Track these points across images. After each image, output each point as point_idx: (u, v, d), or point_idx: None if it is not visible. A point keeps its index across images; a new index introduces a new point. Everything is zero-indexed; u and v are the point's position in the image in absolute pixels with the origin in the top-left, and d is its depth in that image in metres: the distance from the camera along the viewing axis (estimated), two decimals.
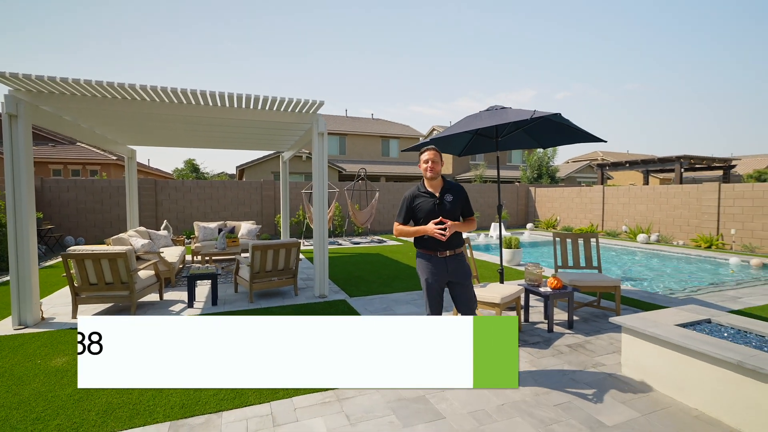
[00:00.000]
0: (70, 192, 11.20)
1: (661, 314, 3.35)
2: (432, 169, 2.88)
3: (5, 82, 4.14)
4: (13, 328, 4.23)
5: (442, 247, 2.88)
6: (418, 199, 2.96)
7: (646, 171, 16.99)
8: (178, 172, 24.07)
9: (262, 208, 13.32)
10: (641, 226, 12.72)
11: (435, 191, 2.93)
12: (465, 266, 2.97)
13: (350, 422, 2.52)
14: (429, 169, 2.89)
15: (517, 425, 2.49)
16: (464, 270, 2.95)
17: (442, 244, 2.86)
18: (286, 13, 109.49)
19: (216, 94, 4.80)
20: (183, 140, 8.31)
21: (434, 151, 2.92)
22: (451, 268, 2.90)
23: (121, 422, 2.50)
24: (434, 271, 2.90)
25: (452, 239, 2.88)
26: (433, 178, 2.92)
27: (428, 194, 2.93)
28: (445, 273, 2.90)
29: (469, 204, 3.03)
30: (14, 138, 4.22)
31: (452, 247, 2.90)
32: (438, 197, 2.90)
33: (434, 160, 2.89)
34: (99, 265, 4.53)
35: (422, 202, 2.93)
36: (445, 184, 2.97)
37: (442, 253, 2.88)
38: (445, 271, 2.90)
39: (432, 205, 2.89)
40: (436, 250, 2.89)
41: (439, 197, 2.90)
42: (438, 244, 2.87)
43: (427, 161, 2.89)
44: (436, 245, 2.88)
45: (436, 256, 2.89)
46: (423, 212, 2.92)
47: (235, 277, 5.77)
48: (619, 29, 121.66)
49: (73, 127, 5.96)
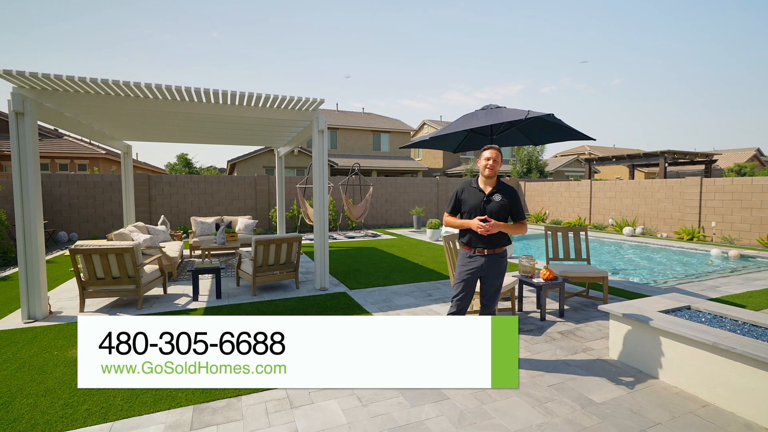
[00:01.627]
0: (62, 187, 11.12)
1: (645, 302, 3.62)
2: (492, 167, 2.93)
3: (12, 80, 4.19)
4: (23, 321, 4.32)
5: (481, 245, 2.95)
6: (467, 192, 3.03)
7: (632, 165, 17.45)
8: (171, 167, 23.83)
9: (256, 203, 13.38)
10: (627, 219, 13.14)
11: (486, 188, 3.00)
12: (501, 266, 3.01)
13: (362, 403, 2.72)
14: (489, 167, 2.94)
15: (515, 403, 2.72)
16: (499, 269, 3.00)
17: (482, 241, 2.93)
18: (276, 7, 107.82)
19: (219, 92, 4.90)
20: (179, 136, 8.35)
21: (496, 150, 2.96)
22: (486, 265, 2.97)
23: (146, 406, 2.66)
24: (468, 267, 2.99)
25: (493, 238, 2.93)
26: (490, 176, 2.97)
27: (478, 189, 3.00)
28: (479, 269, 2.98)
29: (520, 207, 3.02)
30: (21, 135, 4.27)
31: (492, 246, 2.95)
32: (487, 194, 2.97)
33: (495, 159, 2.94)
34: (106, 260, 4.63)
35: (470, 197, 3.01)
36: (499, 184, 3.01)
37: (480, 251, 2.96)
38: (479, 268, 2.98)
39: (479, 201, 2.96)
40: (475, 247, 2.97)
41: (488, 195, 2.96)
42: (478, 241, 2.94)
43: (489, 159, 2.94)
44: (476, 242, 2.95)
45: (474, 253, 2.99)
46: (468, 206, 3.00)
47: (237, 271, 5.90)
48: (605, 23, 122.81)
49: (74, 123, 5.99)
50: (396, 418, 2.55)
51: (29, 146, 4.30)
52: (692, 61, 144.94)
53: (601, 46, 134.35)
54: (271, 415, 2.60)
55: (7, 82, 4.32)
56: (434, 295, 5.42)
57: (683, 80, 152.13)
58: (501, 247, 3.00)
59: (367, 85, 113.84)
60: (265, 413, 2.61)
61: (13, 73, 4.04)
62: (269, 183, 13.51)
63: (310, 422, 2.51)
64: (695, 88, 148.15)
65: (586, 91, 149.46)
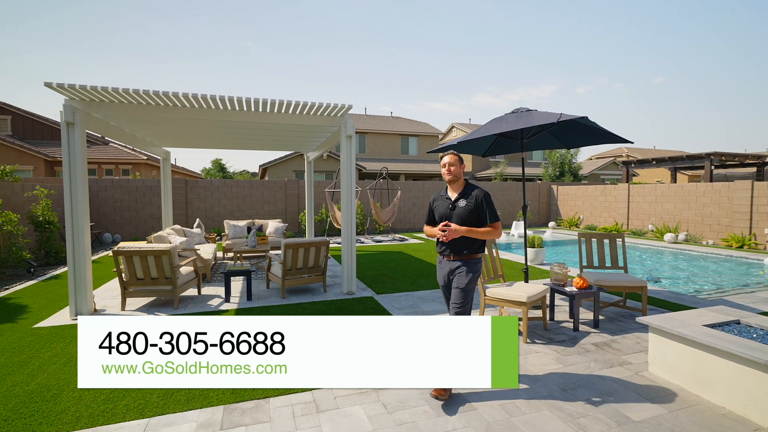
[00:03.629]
0: (107, 191, 11.80)
1: (688, 314, 3.40)
2: (450, 172, 2.95)
3: (65, 93, 4.49)
4: (70, 317, 4.61)
5: (447, 251, 2.96)
6: (437, 201, 3.09)
7: (674, 168, 16.56)
8: (206, 172, 24.80)
9: (286, 207, 13.68)
10: (668, 225, 12.47)
11: (453, 195, 3.01)
12: (467, 271, 2.90)
13: (387, 410, 2.70)
14: (447, 173, 2.97)
15: (545, 418, 2.62)
16: (464, 274, 2.89)
17: (447, 247, 2.94)
18: (303, 10, 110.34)
19: (251, 100, 5.05)
20: (215, 142, 8.67)
21: (453, 154, 2.98)
22: (451, 271, 2.96)
23: (180, 404, 2.76)
24: (441, 274, 3.06)
25: (457, 243, 2.91)
26: (452, 181, 2.99)
27: (446, 197, 3.04)
28: (447, 275, 3.00)
29: (490, 210, 2.91)
30: (71, 143, 4.57)
31: (456, 251, 2.93)
32: (452, 201, 2.97)
33: (452, 164, 2.95)
34: (145, 261, 4.86)
35: (439, 205, 3.06)
36: (465, 188, 2.99)
37: (447, 257, 2.98)
38: (447, 274, 3.00)
39: (445, 208, 2.99)
40: (442, 253, 3.01)
41: (453, 201, 2.97)
42: (444, 247, 2.97)
43: (445, 165, 2.97)
44: (442, 249, 2.99)
45: (442, 258, 3.03)
46: (438, 214, 3.05)
47: (267, 274, 6.04)
48: (644, 20, 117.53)
49: (118, 131, 6.35)
50: (421, 427, 2.52)
51: (78, 153, 4.59)
52: (742, 56, 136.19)
53: (641, 43, 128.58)
54: (297, 418, 2.63)
55: (57, 94, 4.63)
56: None
57: (732, 77, 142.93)
58: (468, 253, 2.92)
59: (395, 88, 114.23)
60: (292, 416, 2.65)
61: (66, 86, 4.33)
62: (299, 187, 13.79)
63: (335, 427, 2.52)
64: (745, 85, 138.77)
65: (623, 91, 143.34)
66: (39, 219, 7.94)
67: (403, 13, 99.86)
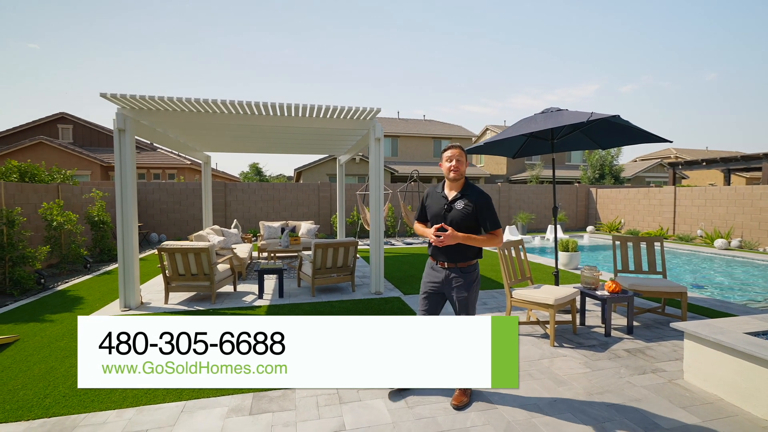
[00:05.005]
0: (154, 194, 12.61)
1: (729, 322, 3.22)
2: (456, 169, 2.63)
3: (117, 102, 4.91)
4: (120, 309, 5.00)
5: (442, 257, 2.69)
6: (431, 198, 2.80)
7: (728, 170, 15.45)
8: (244, 175, 25.86)
9: (319, 209, 14.03)
10: (719, 231, 11.66)
11: (450, 193, 2.72)
12: (465, 282, 2.68)
13: (408, 405, 2.76)
14: (453, 169, 2.63)
15: (567, 420, 2.58)
16: (462, 285, 2.68)
17: (441, 253, 2.68)
18: (337, 16, 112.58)
19: (284, 105, 5.29)
20: (252, 146, 9.09)
21: (458, 149, 2.67)
22: (447, 280, 2.70)
23: (213, 390, 2.95)
24: (430, 279, 2.78)
25: (453, 250, 2.64)
26: (455, 179, 2.67)
27: (442, 195, 2.73)
28: (441, 284, 2.73)
29: (491, 215, 2.65)
30: (122, 149, 4.98)
31: (453, 259, 2.66)
32: (449, 201, 2.68)
33: (459, 159, 2.64)
34: (186, 259, 5.19)
35: (433, 202, 2.76)
36: (465, 188, 2.69)
37: (441, 263, 2.71)
38: (441, 282, 2.73)
39: (440, 207, 2.69)
40: (436, 258, 2.74)
41: (450, 201, 2.67)
42: (437, 252, 2.70)
43: (451, 159, 2.64)
44: (436, 253, 2.72)
45: (436, 265, 2.76)
46: (431, 213, 2.76)
47: (299, 273, 6.26)
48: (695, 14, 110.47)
49: (163, 137, 6.81)
50: (440, 423, 2.55)
51: (128, 158, 4.99)
52: None
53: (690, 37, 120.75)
54: (321, 408, 2.74)
55: (111, 103, 5.06)
56: (489, 304, 5.29)
57: None
58: (465, 261, 2.67)
59: (430, 90, 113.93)
60: (316, 406, 2.76)
61: (118, 96, 4.73)
62: (331, 190, 14.10)
63: (356, 418, 2.61)
64: None
65: (671, 89, 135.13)
66: (95, 219, 8.64)
67: (439, 18, 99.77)
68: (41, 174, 8.10)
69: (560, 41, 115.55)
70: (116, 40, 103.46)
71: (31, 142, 18.26)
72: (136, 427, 2.54)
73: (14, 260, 5.79)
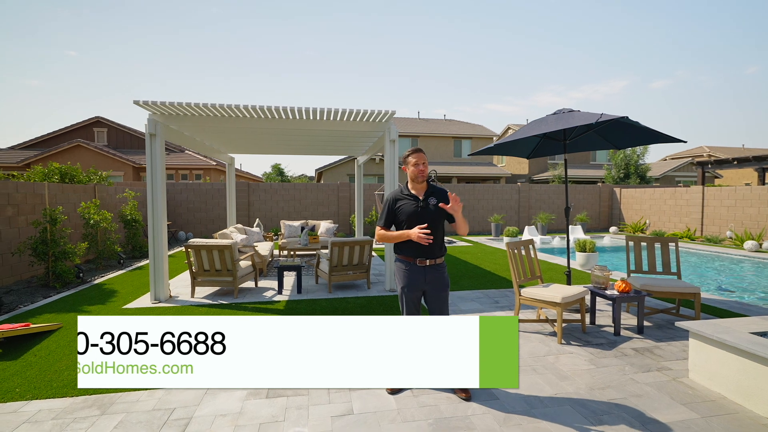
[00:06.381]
0: (182, 194, 13.20)
1: (737, 322, 3.23)
2: (422, 172, 2.88)
3: (149, 108, 5.27)
4: (151, 302, 5.36)
5: (422, 255, 2.84)
6: (401, 201, 2.92)
7: (761, 168, 14.79)
8: (267, 176, 26.54)
9: (338, 209, 14.32)
10: (750, 232, 11.24)
11: (419, 194, 2.91)
12: (444, 277, 2.91)
13: (413, 394, 2.92)
14: (420, 173, 2.87)
15: (566, 412, 2.68)
16: (442, 281, 2.90)
17: (423, 252, 2.83)
18: (359, 16, 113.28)
19: (303, 109, 5.53)
20: (273, 148, 9.42)
21: (422, 153, 2.93)
22: (429, 277, 2.86)
23: None
24: (411, 280, 2.87)
25: (434, 248, 2.85)
26: (422, 181, 2.91)
27: (411, 197, 2.90)
28: (422, 282, 2.86)
29: None
30: (153, 153, 5.34)
31: (433, 256, 2.85)
32: (422, 200, 2.88)
33: (425, 163, 2.89)
34: (211, 255, 5.51)
35: (404, 205, 2.89)
36: (430, 187, 2.95)
37: (422, 262, 2.84)
38: (422, 281, 2.86)
39: (414, 207, 2.86)
40: (415, 257, 2.85)
41: (423, 200, 2.88)
42: (418, 252, 2.83)
43: (417, 164, 2.87)
44: (416, 253, 2.84)
45: (415, 264, 2.86)
46: (405, 215, 2.87)
47: (316, 270, 6.50)
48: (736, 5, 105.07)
49: (190, 140, 7.20)
50: (443, 410, 2.70)
51: (158, 161, 5.34)
52: None
53: (731, 30, 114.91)
54: (332, 394, 2.94)
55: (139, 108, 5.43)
56: (501, 303, 5.37)
57: None
58: (440, 257, 2.90)
59: (452, 89, 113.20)
60: (327, 392, 2.96)
61: (150, 103, 5.09)
62: (350, 190, 14.37)
63: (364, 404, 2.79)
64: None
65: (709, 84, 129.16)
66: (128, 218, 9.18)
67: (460, 15, 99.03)
68: (79, 175, 8.69)
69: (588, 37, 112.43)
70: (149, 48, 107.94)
71: (70, 145, 19.37)
72: (166, 405, 2.80)
73: (57, 255, 6.28)
